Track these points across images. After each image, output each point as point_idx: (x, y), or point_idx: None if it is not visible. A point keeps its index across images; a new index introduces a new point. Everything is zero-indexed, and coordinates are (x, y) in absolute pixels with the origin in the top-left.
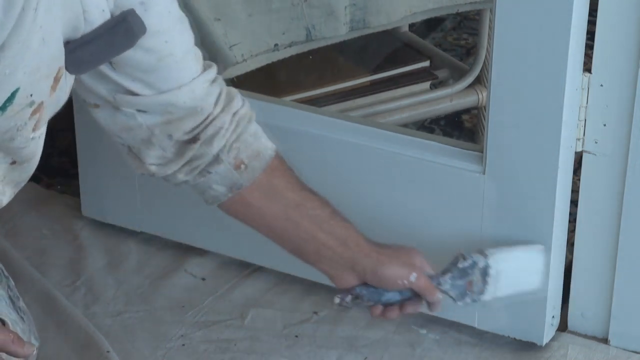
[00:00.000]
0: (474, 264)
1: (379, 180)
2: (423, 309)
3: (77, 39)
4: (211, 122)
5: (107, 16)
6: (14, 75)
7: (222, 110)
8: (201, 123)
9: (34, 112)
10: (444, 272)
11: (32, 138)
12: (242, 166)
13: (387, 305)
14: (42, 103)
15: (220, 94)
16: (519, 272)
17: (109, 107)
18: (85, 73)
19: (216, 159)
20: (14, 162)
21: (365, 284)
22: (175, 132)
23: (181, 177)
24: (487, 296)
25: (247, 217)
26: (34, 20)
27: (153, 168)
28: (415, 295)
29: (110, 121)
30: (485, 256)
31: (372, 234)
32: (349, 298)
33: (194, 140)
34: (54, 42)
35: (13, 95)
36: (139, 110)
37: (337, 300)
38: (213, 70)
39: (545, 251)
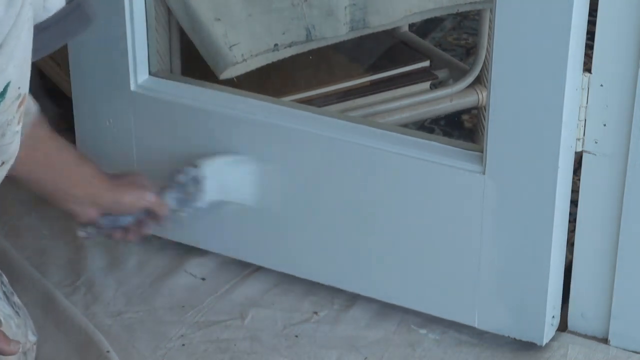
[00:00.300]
0: (187, 174)
1: (379, 180)
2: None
3: (35, 25)
4: None
5: (63, 3)
6: (7, 69)
7: None
8: None
9: (20, 104)
10: (164, 189)
11: (17, 132)
12: None
13: (125, 228)
14: (25, 94)
15: None
16: (229, 181)
17: None
18: (37, 59)
19: None
20: (2, 164)
21: (104, 214)
22: None
23: None
24: (202, 203)
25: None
26: (27, 12)
27: None
28: (146, 216)
29: None
30: (196, 166)
31: (371, 234)
32: (92, 229)
33: None
34: (32, 34)
35: (5, 89)
36: None
37: (82, 233)
38: None
39: (255, 165)
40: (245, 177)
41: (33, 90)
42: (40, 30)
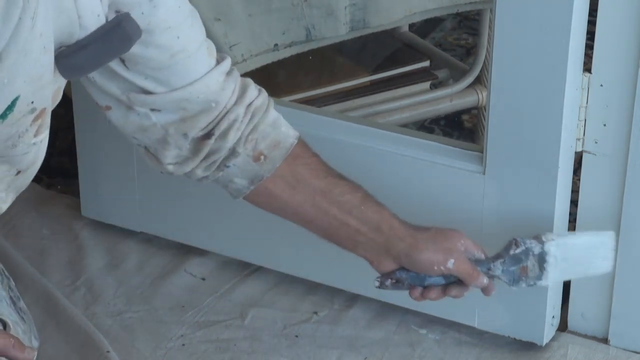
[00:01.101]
0: (528, 250)
1: (379, 180)
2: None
3: (72, 44)
4: (225, 115)
5: (102, 21)
6: (13, 83)
7: (236, 103)
8: (215, 118)
9: (35, 119)
10: (495, 258)
11: (34, 143)
12: (262, 157)
13: (428, 287)
14: (44, 109)
15: (235, 87)
16: (584, 257)
17: (121, 108)
18: (79, 78)
19: (232, 153)
20: (18, 172)
21: (405, 268)
22: (190, 130)
23: (200, 173)
24: (546, 281)
25: (274, 208)
26: (32, 28)
27: (171, 167)
28: (457, 281)
29: (123, 122)
30: (542, 242)
31: None
32: (388, 282)
33: (208, 135)
34: (52, 52)
35: (13, 103)
36: (152, 110)
37: (376, 283)
38: (227, 63)
39: (614, 236)
40: (600, 251)
41: None
42: (79, 47)
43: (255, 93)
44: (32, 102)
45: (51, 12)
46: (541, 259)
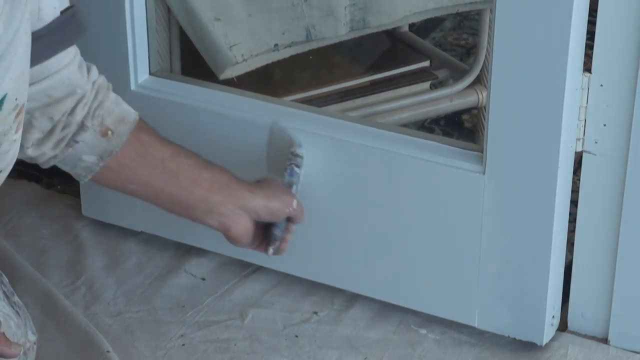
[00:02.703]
0: (300, 164)
1: (379, 180)
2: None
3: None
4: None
5: (57, 13)
6: (3, 82)
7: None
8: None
9: (17, 115)
10: (289, 186)
11: (14, 140)
12: (109, 132)
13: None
14: (23, 105)
15: (84, 68)
16: None
17: None
18: (33, 67)
19: (81, 127)
20: (0, 172)
21: (260, 227)
22: (55, 113)
23: (48, 151)
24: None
25: (125, 180)
26: (26, 27)
27: (29, 151)
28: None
29: None
30: (302, 158)
31: (371, 234)
32: (276, 245)
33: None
34: (30, 47)
35: (2, 101)
36: None
37: (270, 251)
38: (79, 54)
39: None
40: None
41: None
42: (35, 39)
43: (97, 73)
44: (16, 99)
45: (29, 8)
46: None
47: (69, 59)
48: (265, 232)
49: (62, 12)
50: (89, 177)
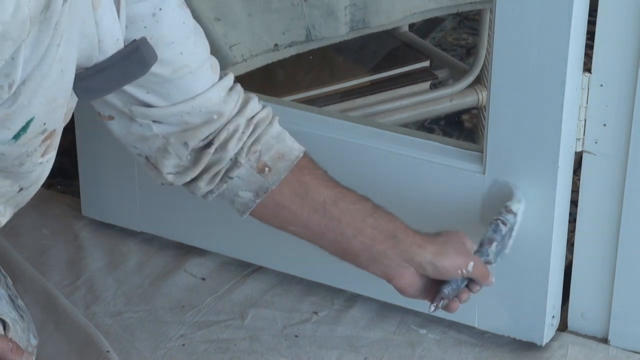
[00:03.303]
0: (512, 226)
1: (379, 180)
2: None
3: (90, 67)
4: (225, 125)
5: (121, 45)
6: (31, 106)
7: (237, 114)
8: (216, 129)
9: (45, 139)
10: (489, 242)
11: (40, 163)
12: (266, 169)
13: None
14: (54, 130)
15: (237, 100)
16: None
17: (124, 119)
18: (94, 100)
19: (235, 163)
20: (21, 190)
21: (434, 280)
22: (191, 139)
23: (203, 186)
24: (508, 250)
25: (283, 221)
26: (56, 53)
27: (170, 177)
28: (470, 281)
29: (125, 132)
30: (514, 213)
31: None
32: (441, 303)
33: (208, 145)
34: (69, 73)
35: (27, 124)
36: (154, 121)
37: (432, 308)
38: (230, 78)
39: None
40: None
41: None
42: (97, 71)
43: (258, 107)
44: (44, 124)
45: (76, 36)
46: (512, 229)
47: (205, 83)
48: (439, 286)
49: (125, 46)
50: (247, 213)
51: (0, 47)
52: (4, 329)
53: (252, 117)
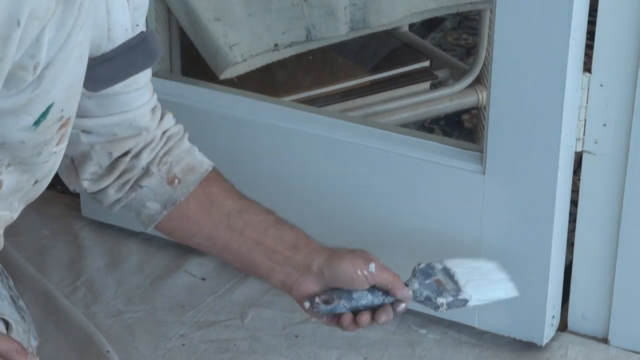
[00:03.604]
0: (431, 265)
1: (379, 180)
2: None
3: (98, 56)
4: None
5: (129, 35)
6: (52, 90)
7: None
8: (139, 142)
9: (61, 127)
10: (409, 279)
11: (54, 152)
12: (176, 181)
13: (358, 311)
14: (69, 118)
15: (158, 115)
16: (486, 278)
17: None
18: (100, 90)
19: (146, 172)
20: (35, 182)
21: (330, 288)
22: (116, 150)
23: (112, 193)
24: (467, 296)
25: (187, 233)
26: (77, 36)
27: (86, 183)
28: (386, 300)
29: None
30: (440, 261)
31: (372, 235)
32: (318, 299)
33: (124, 154)
34: (85, 59)
35: (47, 110)
36: (83, 131)
37: (307, 304)
38: (155, 97)
39: (500, 265)
40: (496, 274)
41: None
42: (105, 60)
43: (172, 122)
44: (62, 110)
45: (91, 23)
46: (447, 273)
47: (142, 101)
48: None
49: (134, 37)
50: (152, 226)
51: (27, 26)
52: (7, 329)
53: (166, 130)
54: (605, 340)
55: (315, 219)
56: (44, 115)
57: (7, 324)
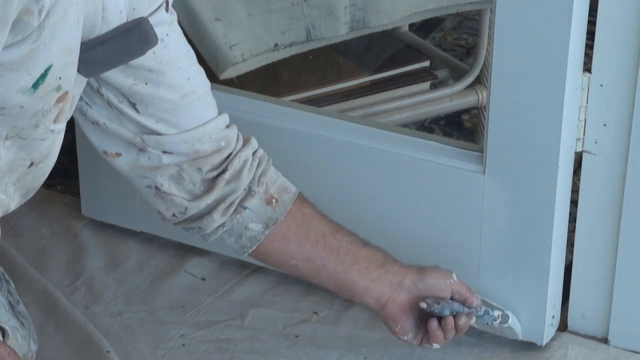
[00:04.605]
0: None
1: (379, 181)
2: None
3: (92, 38)
4: (236, 155)
5: (124, 19)
6: (51, 48)
7: (243, 147)
8: (227, 158)
9: (58, 100)
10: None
11: (52, 130)
12: (273, 201)
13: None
14: (66, 92)
15: (237, 135)
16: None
17: (132, 152)
18: (95, 76)
19: (249, 192)
20: (31, 164)
21: (424, 319)
22: (204, 165)
23: (217, 217)
24: (509, 313)
25: (286, 253)
26: (77, 1)
27: (185, 202)
28: (462, 310)
29: (133, 165)
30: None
31: (372, 235)
32: (429, 300)
33: (222, 172)
34: (80, 30)
35: (46, 72)
36: (164, 152)
37: (423, 305)
38: (226, 116)
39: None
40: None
41: None
42: (99, 43)
43: (257, 144)
44: (60, 79)
45: None
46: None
47: (211, 112)
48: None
49: (128, 22)
50: (253, 248)
51: None
52: (3, 336)
53: (256, 151)
54: (605, 340)
55: None
56: (42, 77)
57: (3, 331)
